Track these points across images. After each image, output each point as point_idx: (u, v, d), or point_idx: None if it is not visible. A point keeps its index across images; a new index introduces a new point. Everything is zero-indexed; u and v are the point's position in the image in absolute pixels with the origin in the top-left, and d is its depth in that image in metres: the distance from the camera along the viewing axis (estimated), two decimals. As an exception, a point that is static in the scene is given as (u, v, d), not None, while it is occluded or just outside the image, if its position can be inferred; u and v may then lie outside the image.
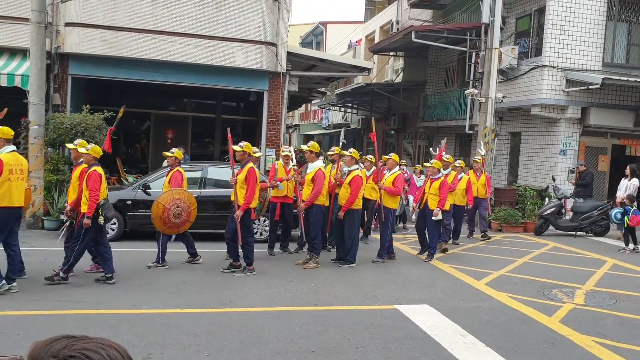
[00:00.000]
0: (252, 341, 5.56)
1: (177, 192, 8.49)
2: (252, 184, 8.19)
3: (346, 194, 9.32)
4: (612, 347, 5.84)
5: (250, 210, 8.36)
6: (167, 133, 18.81)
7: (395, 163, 10.13)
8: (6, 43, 13.32)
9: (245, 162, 8.36)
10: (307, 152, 9.27)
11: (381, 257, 9.85)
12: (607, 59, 16.30)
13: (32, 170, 11.37)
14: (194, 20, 14.28)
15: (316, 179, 9.00)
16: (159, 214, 8.35)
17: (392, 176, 9.94)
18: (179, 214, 8.39)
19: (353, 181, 9.27)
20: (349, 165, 9.57)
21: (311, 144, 9.30)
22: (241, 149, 8.34)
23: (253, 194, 8.22)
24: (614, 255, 11.57)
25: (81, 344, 1.22)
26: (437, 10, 23.25)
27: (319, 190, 9.00)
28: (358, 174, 9.42)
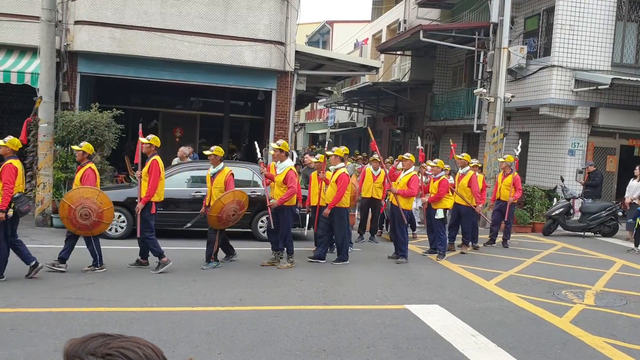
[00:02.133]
0: (263, 340, 5.57)
1: (84, 191, 7.81)
2: (154, 177, 8.04)
3: (333, 192, 9.22)
4: (624, 348, 5.82)
5: (152, 204, 8.15)
6: (175, 131, 18.86)
7: (411, 163, 9.99)
8: (16, 41, 13.37)
9: (152, 154, 8.21)
10: (277, 151, 8.87)
11: (404, 256, 9.75)
12: (616, 59, 16.23)
13: (42, 168, 11.43)
14: (202, 19, 14.30)
15: (288, 179, 8.69)
16: (65, 214, 7.72)
17: (407, 177, 9.81)
18: (86, 215, 7.68)
19: (339, 179, 9.17)
20: (335, 164, 9.41)
21: (282, 143, 8.95)
22: (148, 141, 8.23)
23: (155, 187, 8.06)
24: (623, 256, 11.52)
25: (117, 342, 1.23)
26: (445, 9, 23.21)
27: (293, 191, 8.71)
28: (344, 171, 9.32)
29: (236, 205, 8.52)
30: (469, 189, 10.81)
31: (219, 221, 8.49)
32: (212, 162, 8.68)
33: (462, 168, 11.05)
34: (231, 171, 8.72)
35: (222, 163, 8.69)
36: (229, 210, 8.43)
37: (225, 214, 8.42)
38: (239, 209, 8.62)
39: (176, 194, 10.80)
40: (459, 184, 10.96)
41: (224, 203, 8.40)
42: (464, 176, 10.90)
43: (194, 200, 10.63)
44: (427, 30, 19.14)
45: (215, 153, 8.58)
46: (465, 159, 11.10)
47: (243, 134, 21.86)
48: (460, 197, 10.82)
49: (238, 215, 8.67)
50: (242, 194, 8.71)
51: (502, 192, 12.07)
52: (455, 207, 11.03)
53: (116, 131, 12.81)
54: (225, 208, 8.40)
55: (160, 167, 8.25)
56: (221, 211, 8.38)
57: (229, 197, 8.47)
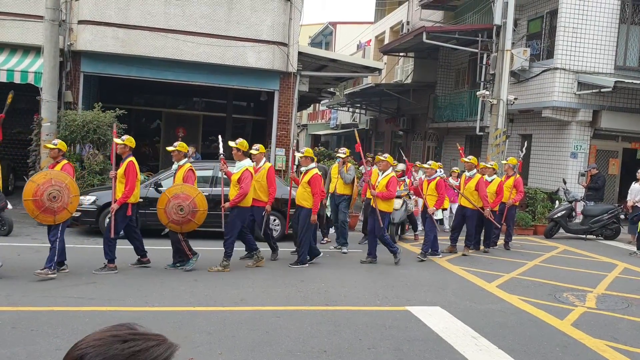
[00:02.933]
0: (264, 340, 5.57)
1: (57, 175, 7.58)
2: (131, 178, 7.96)
3: (305, 193, 9.02)
4: (626, 352, 5.81)
5: (128, 206, 8.03)
6: (178, 132, 18.84)
7: (388, 164, 9.73)
8: (20, 40, 13.41)
9: (127, 156, 8.12)
10: (235, 150, 8.63)
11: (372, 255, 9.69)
12: (620, 62, 16.23)
13: (44, 167, 11.45)
14: (206, 20, 14.32)
15: (243, 179, 8.42)
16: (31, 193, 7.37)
17: (386, 179, 9.51)
18: (55, 197, 7.36)
19: (312, 180, 8.98)
20: (306, 165, 9.19)
21: (239, 142, 8.67)
22: (122, 142, 8.13)
23: (133, 189, 7.97)
24: (624, 259, 11.51)
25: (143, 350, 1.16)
26: (448, 11, 23.21)
27: (245, 191, 8.39)
28: (316, 172, 9.13)
29: (182, 200, 8.08)
30: (477, 192, 10.74)
31: (168, 218, 8.14)
32: (175, 157, 8.46)
33: (469, 171, 10.97)
34: (192, 167, 8.48)
35: (186, 159, 8.49)
36: (173, 206, 8.06)
37: (172, 209, 8.06)
38: (192, 207, 8.14)
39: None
40: (465, 186, 10.90)
41: (169, 196, 8.13)
42: (471, 179, 10.85)
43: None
44: (430, 31, 19.15)
45: (179, 149, 8.39)
46: (472, 161, 11.02)
47: (245, 135, 21.86)
48: (467, 199, 10.77)
49: (192, 214, 8.17)
50: (194, 190, 8.28)
51: (503, 194, 11.90)
52: (460, 210, 11.07)
53: (119, 131, 12.81)
54: (170, 202, 8.06)
55: (137, 169, 8.14)
56: (166, 204, 8.08)
57: (174, 190, 8.19)
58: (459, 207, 11.17)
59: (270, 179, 9.12)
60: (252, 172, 8.59)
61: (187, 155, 8.64)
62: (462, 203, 11.00)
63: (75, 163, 12.64)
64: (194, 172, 8.47)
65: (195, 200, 8.19)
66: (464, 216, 10.99)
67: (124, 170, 8.01)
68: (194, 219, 8.22)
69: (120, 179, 8.03)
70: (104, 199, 10.34)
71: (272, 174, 9.21)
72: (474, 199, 10.75)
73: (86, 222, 10.75)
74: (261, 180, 9.03)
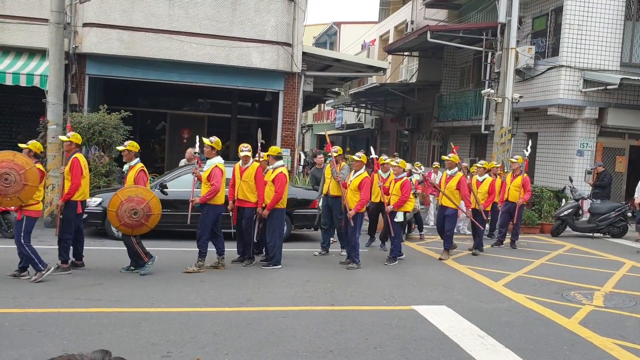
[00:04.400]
0: (271, 340, 5.57)
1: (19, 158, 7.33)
2: (75, 175, 7.83)
3: (270, 192, 8.85)
4: (634, 350, 5.78)
5: (77, 204, 7.92)
6: (183, 133, 18.91)
7: (362, 164, 9.35)
8: (25, 43, 13.47)
9: (73, 152, 8.02)
10: (208, 148, 8.53)
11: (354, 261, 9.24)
12: (625, 59, 16.15)
13: (50, 170, 11.49)
14: (210, 21, 14.34)
15: (213, 176, 8.30)
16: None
17: (358, 179, 9.18)
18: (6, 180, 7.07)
19: (277, 179, 8.83)
20: (272, 164, 9.07)
21: (214, 140, 8.56)
22: (68, 139, 8.07)
23: (77, 186, 7.85)
24: (632, 257, 11.45)
25: None
26: (452, 10, 23.17)
27: (217, 188, 8.27)
28: (282, 171, 8.96)
29: (136, 204, 7.73)
30: (458, 191, 10.17)
31: (120, 221, 7.79)
32: (125, 157, 8.20)
33: (450, 169, 10.36)
34: (142, 168, 8.14)
35: (137, 159, 8.20)
36: (127, 210, 7.71)
37: (125, 213, 7.71)
38: (146, 210, 7.78)
39: (182, 195, 10.80)
40: (446, 185, 10.29)
41: (121, 198, 7.75)
42: (452, 178, 10.25)
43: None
44: (435, 30, 19.12)
45: (129, 148, 8.10)
46: (453, 159, 10.42)
47: (250, 136, 21.87)
48: (448, 199, 10.18)
49: (145, 218, 7.82)
50: (148, 193, 7.93)
51: (510, 193, 11.89)
52: (442, 210, 10.47)
53: (124, 132, 12.87)
54: (123, 205, 7.71)
55: (82, 165, 7.96)
56: (118, 207, 7.73)
57: (128, 192, 7.83)
58: (440, 207, 10.58)
59: (259, 179, 8.80)
60: (222, 169, 8.39)
61: (137, 155, 8.25)
62: (443, 203, 10.38)
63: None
64: (145, 173, 8.16)
65: (149, 204, 7.82)
66: (444, 216, 10.36)
67: (69, 167, 7.89)
68: (147, 222, 7.87)
69: (66, 175, 7.90)
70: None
71: (260, 173, 8.84)
72: (456, 199, 10.21)
73: (92, 223, 10.78)
74: (249, 181, 8.79)
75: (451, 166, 10.38)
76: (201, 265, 8.40)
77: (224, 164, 8.63)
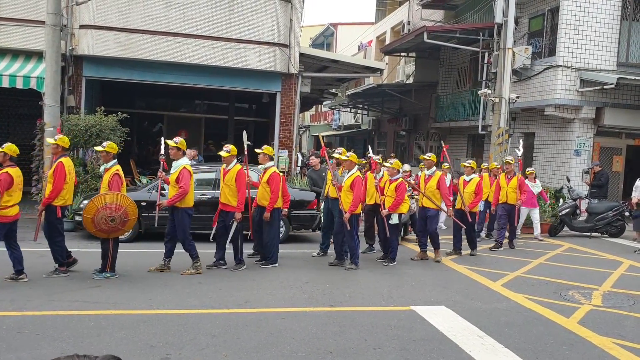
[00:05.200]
0: (270, 342, 5.56)
1: None
2: (58, 180, 7.67)
3: (265, 193, 8.79)
4: (632, 349, 5.78)
5: (56, 209, 7.72)
6: (180, 134, 18.85)
7: (353, 164, 9.23)
8: (22, 46, 13.45)
9: (59, 156, 7.88)
10: (174, 149, 8.30)
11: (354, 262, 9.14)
12: (622, 59, 16.19)
13: (47, 172, 11.46)
14: (207, 22, 14.33)
15: (181, 179, 8.10)
16: None
17: (350, 179, 9.09)
18: None
19: (271, 179, 8.76)
20: (264, 163, 8.97)
21: (179, 141, 8.35)
22: (54, 142, 7.95)
23: (58, 190, 7.64)
24: (630, 257, 11.47)
25: None
26: (449, 10, 23.19)
27: (185, 190, 8.06)
28: (275, 170, 8.89)
29: (113, 211, 7.56)
30: (438, 191, 9.92)
31: (95, 227, 7.62)
32: (102, 159, 8.07)
33: (428, 169, 10.09)
34: (118, 171, 7.89)
35: (115, 160, 8.01)
36: (104, 217, 7.54)
37: (102, 220, 7.54)
38: (124, 217, 7.62)
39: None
40: (426, 185, 10.03)
41: (97, 206, 7.55)
42: (431, 178, 9.98)
43: (198, 203, 10.60)
44: (431, 31, 19.14)
45: (108, 149, 7.92)
46: (432, 159, 10.14)
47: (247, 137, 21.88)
48: (429, 199, 9.94)
49: (122, 223, 7.67)
50: (125, 200, 7.71)
51: (509, 195, 11.77)
52: (422, 211, 10.18)
53: (121, 134, 12.85)
54: (99, 212, 7.52)
55: (67, 170, 7.80)
56: (94, 214, 7.54)
57: (105, 199, 7.63)
58: (421, 208, 10.23)
59: (240, 182, 8.48)
60: (189, 170, 8.22)
61: (115, 157, 8.08)
62: (423, 204, 10.10)
63: (79, 167, 12.67)
64: (120, 177, 7.87)
65: (127, 209, 7.66)
66: (425, 217, 10.09)
67: (53, 171, 7.79)
68: (124, 227, 7.78)
69: (49, 179, 7.80)
70: None
71: (241, 176, 8.54)
72: (437, 199, 9.98)
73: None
74: (230, 184, 8.53)
75: (430, 166, 10.11)
76: (198, 267, 8.35)
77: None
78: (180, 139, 8.44)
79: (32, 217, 12.64)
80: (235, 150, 8.77)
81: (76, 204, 11.68)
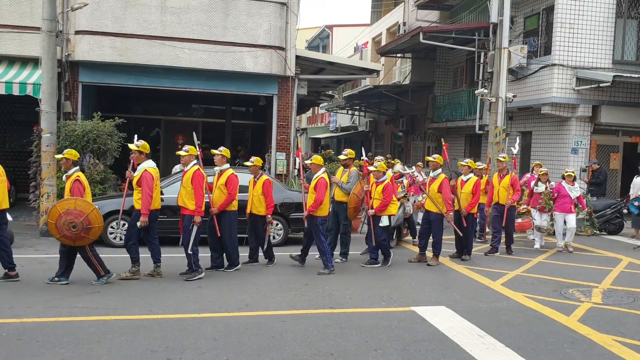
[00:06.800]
0: (271, 345, 5.55)
1: None
2: None
3: (221, 195, 8.66)
4: (633, 346, 5.79)
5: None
6: (177, 139, 18.87)
7: (318, 167, 9.23)
8: (18, 52, 13.44)
9: None
10: (136, 153, 8.21)
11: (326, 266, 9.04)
12: (617, 57, 16.23)
13: (45, 178, 11.45)
14: (202, 26, 14.34)
15: (142, 181, 7.97)
16: None
17: (315, 181, 9.08)
18: None
19: (229, 181, 8.66)
20: (220, 165, 8.87)
21: (141, 144, 8.23)
22: None
23: None
24: (629, 254, 11.49)
25: None
26: (444, 11, 23.23)
27: (146, 194, 7.93)
28: (233, 172, 8.81)
29: (75, 217, 7.43)
30: (440, 194, 9.67)
31: (59, 233, 7.50)
32: (63, 166, 7.87)
33: (434, 171, 9.88)
34: (78, 177, 7.73)
35: (76, 167, 7.86)
36: (65, 223, 7.42)
37: (64, 225, 7.43)
38: (86, 223, 7.48)
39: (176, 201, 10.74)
40: (429, 188, 9.85)
41: (60, 211, 7.44)
42: (435, 180, 9.76)
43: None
44: (427, 32, 19.16)
45: (67, 156, 7.78)
46: (437, 161, 9.89)
47: (245, 140, 21.89)
48: (433, 202, 9.71)
49: (85, 231, 7.52)
50: (88, 206, 7.57)
51: (500, 194, 11.07)
52: (425, 214, 10.04)
53: (118, 140, 12.84)
54: (61, 217, 7.42)
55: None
56: (57, 219, 7.44)
57: (67, 204, 7.52)
58: (425, 211, 10.07)
59: (196, 184, 8.14)
60: (151, 173, 8.05)
61: (77, 164, 7.95)
62: (426, 207, 9.93)
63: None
64: (81, 183, 7.71)
65: (89, 217, 7.51)
66: (429, 221, 9.90)
67: None
68: (88, 235, 7.60)
69: None
70: (106, 208, 10.30)
71: (197, 177, 8.18)
72: (439, 203, 9.70)
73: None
74: (186, 186, 8.19)
75: (435, 167, 9.88)
76: (135, 272, 8.13)
77: None
78: (142, 142, 8.30)
79: (30, 224, 12.67)
80: (194, 151, 8.42)
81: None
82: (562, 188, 11.57)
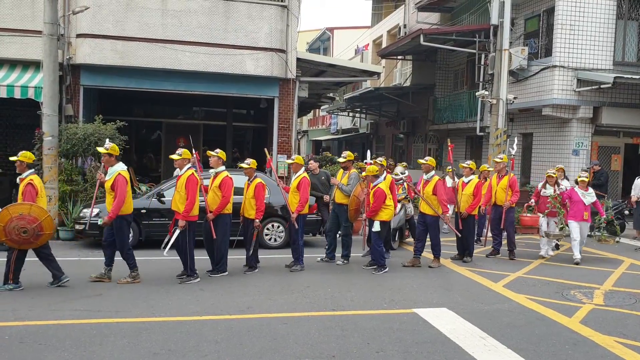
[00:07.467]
0: (272, 347, 5.56)
1: None
2: None
3: (215, 198, 8.55)
4: (635, 347, 5.79)
5: None
6: (179, 142, 18.88)
7: (299, 166, 9.29)
8: (19, 56, 13.48)
9: None
10: (106, 156, 8.06)
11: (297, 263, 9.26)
12: (618, 58, 16.25)
13: (47, 181, 11.47)
14: (203, 29, 14.37)
15: (116, 185, 7.86)
16: None
17: (296, 181, 9.17)
18: None
19: (223, 183, 8.52)
20: (216, 167, 8.71)
21: (110, 146, 8.11)
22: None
23: None
24: (630, 255, 11.49)
25: None
26: (444, 13, 23.25)
27: (121, 199, 7.84)
28: (227, 174, 8.69)
29: (27, 223, 7.29)
30: (435, 196, 9.57)
31: (6, 236, 7.33)
32: (18, 168, 7.70)
33: (427, 173, 9.77)
34: (31, 181, 7.55)
35: (31, 170, 7.71)
36: (16, 227, 7.26)
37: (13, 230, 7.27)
38: (37, 230, 7.35)
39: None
40: (423, 190, 9.74)
41: (11, 214, 7.28)
42: (429, 182, 9.67)
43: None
44: (428, 34, 19.17)
45: (21, 159, 7.65)
46: (430, 163, 9.82)
47: (246, 142, 21.92)
48: (428, 204, 9.62)
49: (35, 237, 7.39)
50: (42, 213, 7.43)
51: (497, 195, 10.93)
52: (421, 217, 9.86)
53: (120, 143, 12.85)
54: (13, 221, 7.26)
55: None
56: (7, 223, 7.26)
57: (21, 209, 7.36)
58: (420, 214, 9.87)
59: (189, 189, 8.03)
60: (125, 177, 7.97)
61: (32, 166, 7.80)
62: (422, 210, 9.79)
63: (78, 176, 12.68)
64: (34, 187, 7.52)
65: (42, 223, 7.39)
66: (425, 224, 9.78)
67: None
68: (37, 241, 7.48)
69: None
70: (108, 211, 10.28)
71: (191, 182, 8.07)
72: (434, 205, 9.61)
73: (90, 234, 10.74)
74: (180, 190, 8.11)
75: (428, 170, 9.79)
76: (135, 276, 8.11)
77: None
78: (111, 144, 8.18)
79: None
80: (188, 154, 8.30)
81: (75, 212, 11.70)
82: (575, 194, 10.70)
